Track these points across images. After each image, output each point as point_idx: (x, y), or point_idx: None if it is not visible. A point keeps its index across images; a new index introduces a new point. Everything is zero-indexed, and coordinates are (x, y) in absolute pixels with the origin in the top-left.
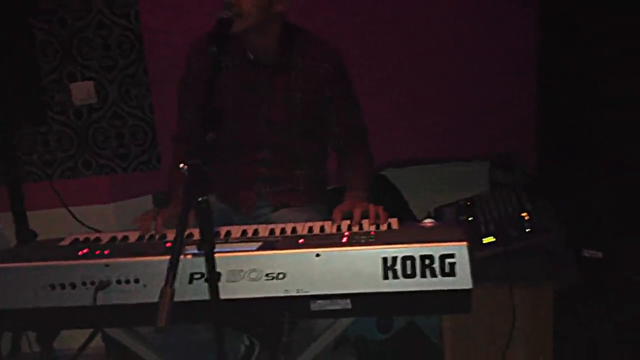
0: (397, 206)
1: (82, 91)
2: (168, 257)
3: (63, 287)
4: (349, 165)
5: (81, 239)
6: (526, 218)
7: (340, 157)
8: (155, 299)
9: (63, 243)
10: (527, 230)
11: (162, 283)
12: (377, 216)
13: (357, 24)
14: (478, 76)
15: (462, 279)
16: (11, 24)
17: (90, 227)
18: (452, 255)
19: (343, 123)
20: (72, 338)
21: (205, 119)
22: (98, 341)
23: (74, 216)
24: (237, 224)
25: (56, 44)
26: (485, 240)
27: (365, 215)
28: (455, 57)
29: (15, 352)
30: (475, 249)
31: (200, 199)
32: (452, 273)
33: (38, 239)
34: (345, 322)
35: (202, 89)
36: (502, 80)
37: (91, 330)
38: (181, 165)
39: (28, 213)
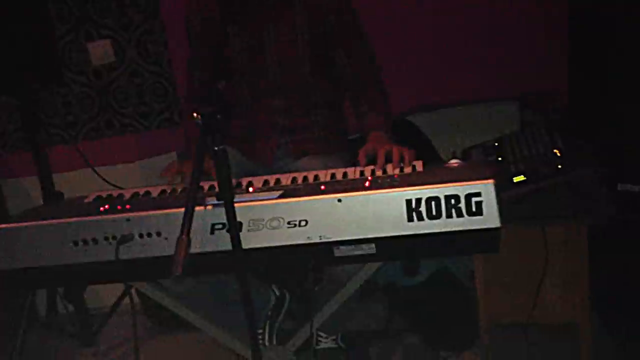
0: (425, 152)
1: (100, 50)
2: None
3: (86, 242)
4: (363, 102)
5: (104, 195)
6: (558, 155)
7: (354, 96)
8: None
9: (86, 200)
10: (559, 167)
11: None
12: (402, 157)
13: None
14: (507, 12)
15: (490, 218)
16: None
17: (116, 187)
18: (478, 194)
19: (353, 56)
20: (106, 296)
21: (216, 68)
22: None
23: (100, 176)
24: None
25: (71, 4)
26: (516, 179)
27: (389, 156)
28: None
29: (52, 312)
30: (505, 188)
31: (216, 148)
32: (478, 212)
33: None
34: (372, 267)
35: (208, 43)
36: (532, 15)
37: (124, 287)
38: (194, 114)
39: (55, 175)
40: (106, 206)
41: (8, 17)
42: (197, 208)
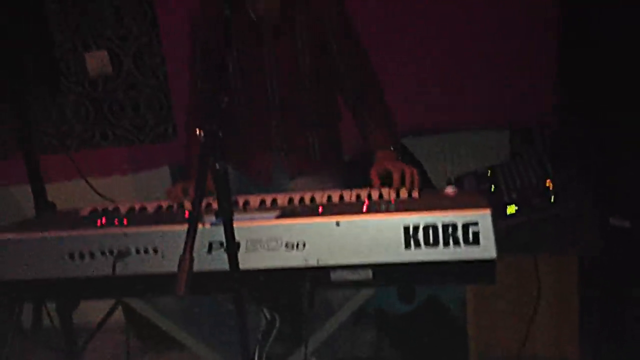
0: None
1: (97, 61)
2: (186, 226)
3: (82, 257)
4: (368, 119)
5: (100, 209)
6: (550, 187)
7: (357, 114)
8: (174, 269)
9: (82, 213)
10: (551, 199)
11: (181, 252)
12: (412, 180)
13: None
14: (498, 42)
15: (486, 248)
16: None
17: (109, 199)
18: (475, 223)
19: (354, 74)
20: (92, 311)
21: (219, 83)
22: (119, 315)
23: (92, 187)
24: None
25: (69, 13)
26: (509, 210)
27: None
28: (475, 23)
29: (37, 325)
30: (497, 218)
31: (217, 166)
32: (475, 242)
33: (57, 210)
34: (366, 293)
35: (212, 53)
36: (522, 45)
37: (112, 303)
38: (197, 131)
39: (47, 185)
40: (103, 220)
41: (6, 24)
42: None
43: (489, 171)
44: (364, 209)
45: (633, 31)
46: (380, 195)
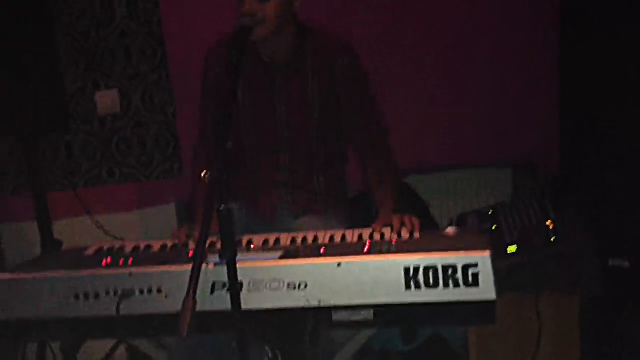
0: (420, 214)
1: (107, 100)
2: (190, 266)
3: (87, 297)
4: (373, 170)
5: (105, 247)
6: (551, 227)
7: (363, 160)
8: (178, 309)
9: (87, 252)
10: (551, 239)
11: (185, 292)
12: (413, 225)
13: (381, 29)
14: (500, 82)
15: (486, 290)
16: (35, 33)
17: (114, 236)
18: (475, 265)
19: (361, 121)
20: (96, 349)
21: (225, 127)
22: (121, 350)
23: (98, 226)
24: (258, 233)
25: (80, 53)
26: (510, 249)
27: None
28: (477, 63)
29: None
30: (499, 257)
31: (221, 208)
32: (475, 283)
33: (63, 247)
34: (368, 332)
35: (221, 96)
36: (525, 85)
37: (115, 341)
38: (203, 174)
39: (53, 222)
40: (108, 259)
41: (19, 63)
42: None
43: (491, 210)
44: (365, 249)
45: (635, 66)
46: (382, 236)
